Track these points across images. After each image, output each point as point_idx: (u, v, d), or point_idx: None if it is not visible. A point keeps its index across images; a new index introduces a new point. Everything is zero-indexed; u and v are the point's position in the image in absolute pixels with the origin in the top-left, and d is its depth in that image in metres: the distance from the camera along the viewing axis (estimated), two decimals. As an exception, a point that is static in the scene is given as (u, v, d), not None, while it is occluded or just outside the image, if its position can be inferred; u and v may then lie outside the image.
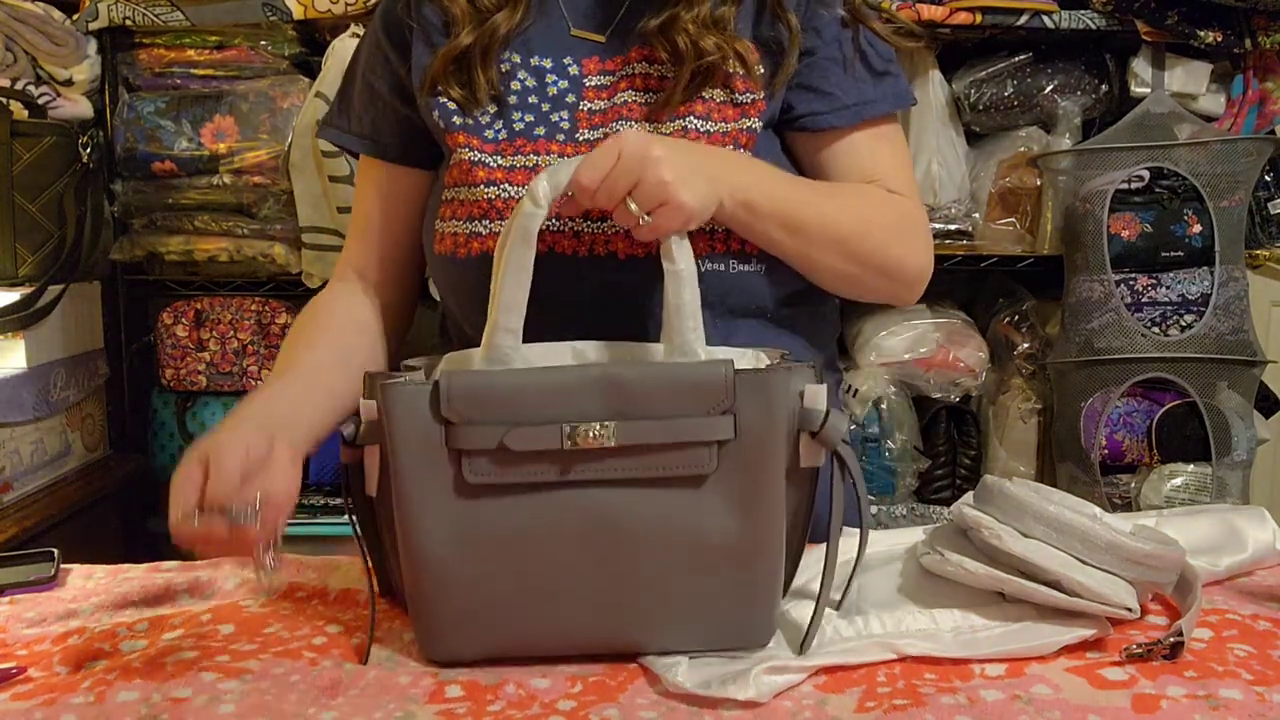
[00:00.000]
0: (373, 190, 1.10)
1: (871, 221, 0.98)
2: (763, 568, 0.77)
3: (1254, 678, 0.74)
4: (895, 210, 1.00)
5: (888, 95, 1.02)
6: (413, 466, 0.74)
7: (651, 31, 0.97)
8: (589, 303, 0.93)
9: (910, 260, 1.01)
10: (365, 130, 1.08)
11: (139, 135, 2.02)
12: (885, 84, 1.02)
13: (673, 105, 0.96)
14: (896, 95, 1.03)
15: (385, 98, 1.06)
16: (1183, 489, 1.98)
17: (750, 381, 0.73)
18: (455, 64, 0.98)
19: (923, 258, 1.02)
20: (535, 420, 0.73)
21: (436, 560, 0.75)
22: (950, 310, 2.18)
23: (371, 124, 1.08)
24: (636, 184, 0.81)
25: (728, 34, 0.97)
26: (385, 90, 1.06)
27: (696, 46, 0.95)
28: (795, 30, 0.98)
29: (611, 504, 0.74)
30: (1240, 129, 2.07)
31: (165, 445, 2.15)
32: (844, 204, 0.98)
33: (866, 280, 0.99)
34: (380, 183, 1.09)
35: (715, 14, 0.97)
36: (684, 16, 0.96)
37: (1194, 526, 0.95)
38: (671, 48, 0.96)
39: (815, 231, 0.94)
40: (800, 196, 0.94)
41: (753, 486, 0.75)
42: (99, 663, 0.80)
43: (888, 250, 0.99)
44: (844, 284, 1.00)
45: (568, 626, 0.77)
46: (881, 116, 1.02)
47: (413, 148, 1.07)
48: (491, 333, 0.82)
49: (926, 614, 0.82)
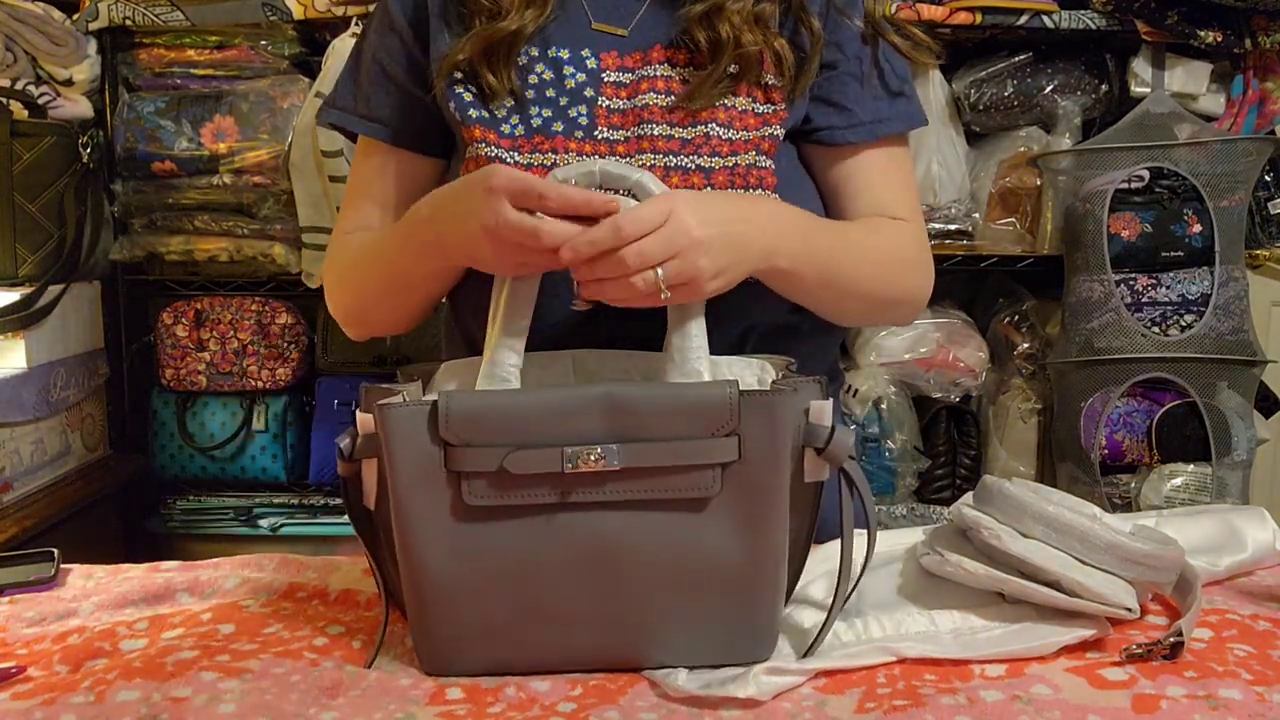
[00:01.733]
0: (375, 175, 1.06)
1: (889, 259, 1.00)
2: (764, 586, 0.76)
3: (1254, 678, 0.73)
4: (906, 242, 1.02)
5: (902, 114, 1.03)
6: (411, 487, 0.73)
7: (695, 18, 0.96)
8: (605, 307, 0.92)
9: (923, 287, 1.04)
10: (376, 113, 1.04)
11: (139, 135, 2.02)
12: (900, 103, 1.03)
13: (698, 102, 0.95)
14: (910, 115, 1.04)
15: (399, 80, 1.03)
16: (1183, 489, 1.98)
17: (755, 403, 0.72)
18: (477, 55, 0.97)
19: (929, 281, 1.05)
20: (536, 442, 0.72)
21: (436, 579, 0.75)
22: (950, 310, 2.18)
23: (383, 107, 1.04)
24: (671, 257, 0.79)
25: (771, 31, 0.97)
26: (399, 72, 1.03)
27: (738, 39, 0.95)
28: (818, 35, 0.99)
29: (612, 526, 0.73)
30: (1240, 129, 2.07)
31: (165, 445, 2.15)
32: (864, 246, 0.98)
33: (882, 313, 1.02)
34: (387, 168, 1.06)
35: (757, 8, 0.97)
36: (730, 7, 0.96)
37: (1194, 526, 0.95)
38: (713, 36, 0.95)
39: (839, 282, 0.95)
40: (825, 245, 0.94)
41: (756, 508, 0.74)
42: (99, 662, 0.80)
43: (905, 283, 1.02)
44: (861, 319, 1.02)
45: (568, 645, 0.76)
46: (894, 135, 1.03)
47: (425, 134, 1.04)
48: (493, 351, 0.81)
49: (926, 615, 0.82)
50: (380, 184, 1.06)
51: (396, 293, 1.01)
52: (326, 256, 1.11)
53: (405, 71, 1.03)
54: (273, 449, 2.15)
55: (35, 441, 1.88)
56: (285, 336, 2.12)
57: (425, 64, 1.01)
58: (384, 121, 1.04)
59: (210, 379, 2.11)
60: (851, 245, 0.97)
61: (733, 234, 0.84)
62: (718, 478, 0.73)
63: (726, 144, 0.95)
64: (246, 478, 2.16)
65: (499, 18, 0.97)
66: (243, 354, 2.11)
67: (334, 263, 1.08)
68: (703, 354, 0.81)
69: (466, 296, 1.02)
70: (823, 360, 1.07)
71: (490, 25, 0.97)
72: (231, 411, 2.14)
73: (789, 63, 0.97)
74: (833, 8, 1.01)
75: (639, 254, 0.78)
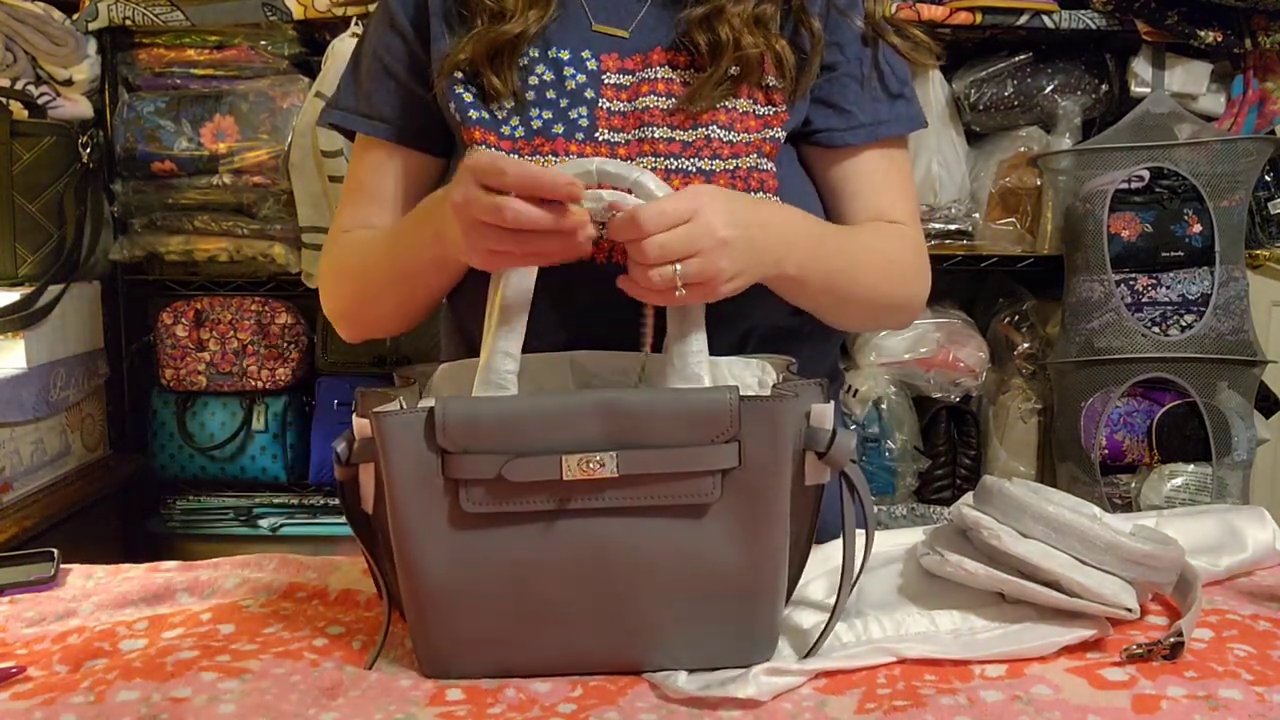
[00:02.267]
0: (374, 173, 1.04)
1: (891, 266, 1.00)
2: (764, 591, 0.76)
3: (1254, 678, 0.73)
4: (907, 248, 1.02)
5: (901, 117, 1.03)
6: (409, 495, 0.73)
7: (695, 20, 0.96)
8: (603, 308, 0.92)
9: (921, 294, 1.04)
10: (377, 111, 1.03)
11: (139, 135, 2.02)
12: (899, 105, 1.03)
13: (699, 104, 0.94)
14: (910, 118, 1.04)
15: (401, 78, 1.03)
16: (1183, 489, 1.98)
17: (756, 408, 0.72)
18: (480, 56, 0.96)
19: (927, 287, 1.06)
20: (534, 450, 0.71)
21: (435, 586, 0.75)
22: (950, 310, 2.18)
23: (384, 105, 1.03)
24: (692, 255, 0.78)
25: (771, 33, 0.97)
26: (401, 70, 1.02)
27: (738, 41, 0.95)
28: (819, 36, 0.99)
29: (611, 533, 0.73)
30: (1240, 129, 2.07)
31: (165, 445, 2.15)
32: (869, 253, 0.99)
33: (882, 318, 1.02)
34: (386, 166, 1.04)
35: (756, 10, 0.97)
36: (730, 10, 0.96)
37: (1194, 526, 0.95)
38: (713, 39, 0.95)
39: (843, 289, 0.96)
40: (832, 253, 0.94)
41: (756, 514, 0.74)
42: (99, 662, 0.80)
43: (905, 289, 1.02)
44: (860, 324, 1.02)
45: (568, 650, 0.76)
46: (894, 138, 1.03)
47: (427, 132, 1.03)
48: (489, 357, 0.80)
49: (926, 615, 0.82)
50: (379, 182, 1.05)
51: (397, 288, 0.99)
52: (322, 254, 1.10)
53: (407, 70, 1.03)
54: (273, 449, 2.15)
55: (35, 441, 1.88)
56: (285, 336, 2.12)
57: (427, 62, 1.01)
58: (385, 119, 1.04)
59: (210, 379, 2.11)
60: (857, 252, 0.97)
61: (754, 238, 0.83)
62: (718, 484, 0.73)
63: (728, 146, 0.94)
64: (246, 478, 2.16)
65: (502, 19, 0.97)
66: (243, 354, 2.11)
67: (331, 260, 1.07)
68: (702, 357, 0.80)
69: (465, 297, 1.01)
70: (823, 361, 1.07)
71: (493, 27, 0.96)
72: (231, 411, 2.14)
73: (790, 64, 0.97)
74: (833, 8, 1.01)
75: (660, 247, 0.77)
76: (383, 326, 1.06)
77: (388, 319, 1.04)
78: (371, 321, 1.06)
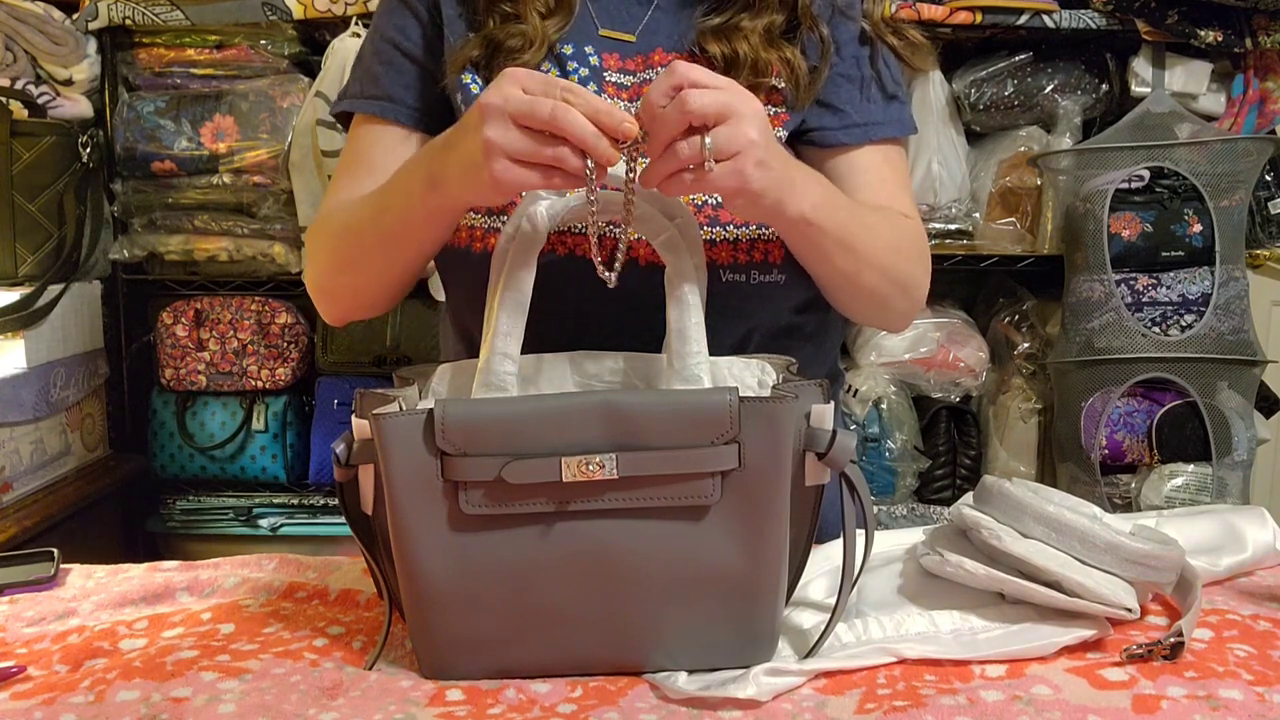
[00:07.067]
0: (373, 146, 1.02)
1: (902, 238, 0.99)
2: (765, 592, 0.76)
3: (1254, 678, 0.73)
4: (911, 230, 1.02)
5: (894, 120, 1.03)
6: (408, 497, 0.73)
7: (709, 31, 0.96)
8: (607, 308, 0.92)
9: (924, 279, 1.03)
10: (382, 91, 1.02)
11: (139, 135, 2.02)
12: (893, 108, 1.03)
13: None
14: (902, 121, 1.04)
15: (415, 56, 1.02)
16: (1183, 489, 1.98)
17: (756, 410, 0.72)
18: (491, 54, 0.96)
19: (929, 276, 1.04)
20: (533, 451, 0.71)
21: (435, 588, 0.75)
22: (950, 310, 2.18)
23: (392, 85, 1.02)
24: (723, 120, 0.74)
25: (784, 46, 0.96)
26: (414, 49, 1.02)
27: (754, 60, 0.94)
28: (828, 43, 0.98)
29: (611, 535, 0.73)
30: (1240, 129, 2.07)
31: (165, 445, 2.15)
32: (880, 222, 0.97)
33: (895, 300, 0.99)
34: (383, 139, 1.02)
35: (768, 20, 0.97)
36: (746, 25, 0.95)
37: (1194, 526, 0.95)
38: (729, 52, 0.95)
39: (858, 248, 0.92)
40: (846, 208, 0.92)
41: (756, 515, 0.73)
42: (99, 662, 0.80)
43: (913, 268, 1.01)
44: (874, 304, 0.99)
45: (567, 651, 0.76)
46: (887, 139, 1.03)
47: (435, 114, 1.02)
48: (488, 358, 0.80)
49: (926, 616, 0.82)
50: (379, 156, 1.02)
51: (385, 248, 0.96)
52: (311, 227, 1.07)
53: (422, 50, 1.02)
54: (272, 449, 2.15)
55: (35, 441, 1.88)
56: (285, 336, 2.12)
57: (440, 46, 1.01)
58: (390, 98, 1.02)
59: (210, 379, 2.11)
60: (869, 217, 0.96)
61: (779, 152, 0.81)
62: (718, 485, 0.72)
63: None
64: (246, 478, 2.16)
65: (516, 22, 0.97)
66: (242, 354, 2.11)
67: (317, 229, 1.04)
68: (702, 358, 0.80)
69: (465, 297, 1.01)
70: (824, 361, 1.07)
71: (504, 27, 0.97)
72: (231, 411, 2.14)
73: (802, 73, 0.97)
74: (835, 9, 1.01)
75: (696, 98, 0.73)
76: (363, 300, 1.03)
77: (368, 290, 1.01)
78: (352, 293, 1.03)
